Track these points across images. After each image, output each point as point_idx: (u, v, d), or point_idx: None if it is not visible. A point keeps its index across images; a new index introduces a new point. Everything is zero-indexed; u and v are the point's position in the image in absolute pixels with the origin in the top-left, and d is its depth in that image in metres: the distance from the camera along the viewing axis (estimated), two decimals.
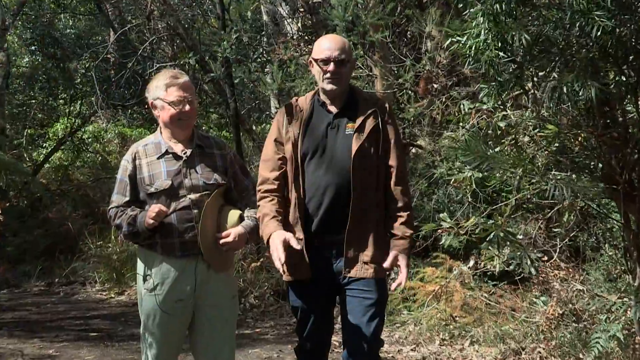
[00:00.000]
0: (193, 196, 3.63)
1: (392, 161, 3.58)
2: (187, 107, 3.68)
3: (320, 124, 3.61)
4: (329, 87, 3.57)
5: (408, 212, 3.58)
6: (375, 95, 3.67)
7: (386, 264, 3.49)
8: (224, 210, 3.72)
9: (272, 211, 3.53)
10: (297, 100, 3.73)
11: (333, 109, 3.63)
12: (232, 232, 3.65)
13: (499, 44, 3.77)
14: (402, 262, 3.52)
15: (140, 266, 3.75)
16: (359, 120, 3.55)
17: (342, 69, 3.55)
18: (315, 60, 3.59)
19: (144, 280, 3.69)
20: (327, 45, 3.57)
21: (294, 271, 3.57)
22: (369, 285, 3.52)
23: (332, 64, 3.53)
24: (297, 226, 3.55)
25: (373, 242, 3.52)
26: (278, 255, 3.36)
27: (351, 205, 3.48)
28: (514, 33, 3.63)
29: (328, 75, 3.54)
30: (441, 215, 5.73)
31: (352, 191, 3.48)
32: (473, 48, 3.80)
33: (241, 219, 3.72)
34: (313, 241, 3.54)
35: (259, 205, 3.63)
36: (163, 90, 3.68)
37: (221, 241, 3.63)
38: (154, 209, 3.54)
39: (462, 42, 3.87)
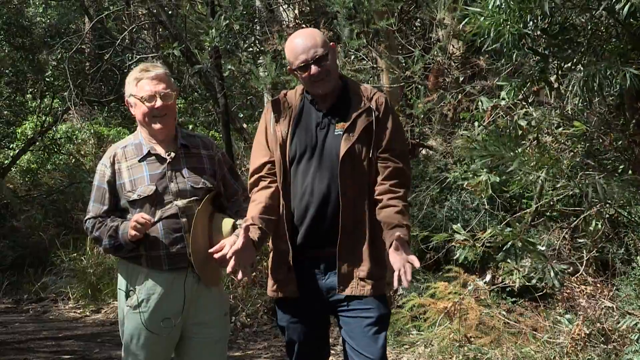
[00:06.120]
0: (180, 202, 3.64)
1: (386, 164, 3.49)
2: (159, 103, 3.63)
3: (310, 123, 3.55)
4: (320, 90, 3.50)
5: (404, 203, 3.44)
6: (372, 88, 3.62)
7: (397, 265, 3.29)
8: (215, 218, 3.72)
9: (257, 212, 3.48)
10: (285, 94, 3.65)
11: (323, 106, 3.56)
12: (226, 244, 3.65)
13: (521, 25, 3.78)
14: (406, 251, 3.30)
15: (121, 281, 3.75)
16: (349, 119, 3.49)
17: (324, 64, 3.46)
18: (294, 71, 3.54)
19: (127, 296, 3.69)
20: (300, 48, 3.47)
21: (281, 287, 3.56)
22: (368, 302, 3.48)
23: (312, 66, 3.45)
24: (283, 238, 3.53)
25: (369, 256, 3.47)
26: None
27: (341, 215, 3.44)
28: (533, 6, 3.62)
29: (314, 78, 3.47)
30: (454, 226, 5.72)
31: (341, 199, 3.44)
32: (494, 25, 3.80)
33: (234, 228, 3.72)
34: (300, 255, 3.52)
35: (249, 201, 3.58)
36: (134, 85, 3.68)
37: (216, 255, 3.62)
38: (136, 218, 3.53)
39: (481, 18, 3.87)
